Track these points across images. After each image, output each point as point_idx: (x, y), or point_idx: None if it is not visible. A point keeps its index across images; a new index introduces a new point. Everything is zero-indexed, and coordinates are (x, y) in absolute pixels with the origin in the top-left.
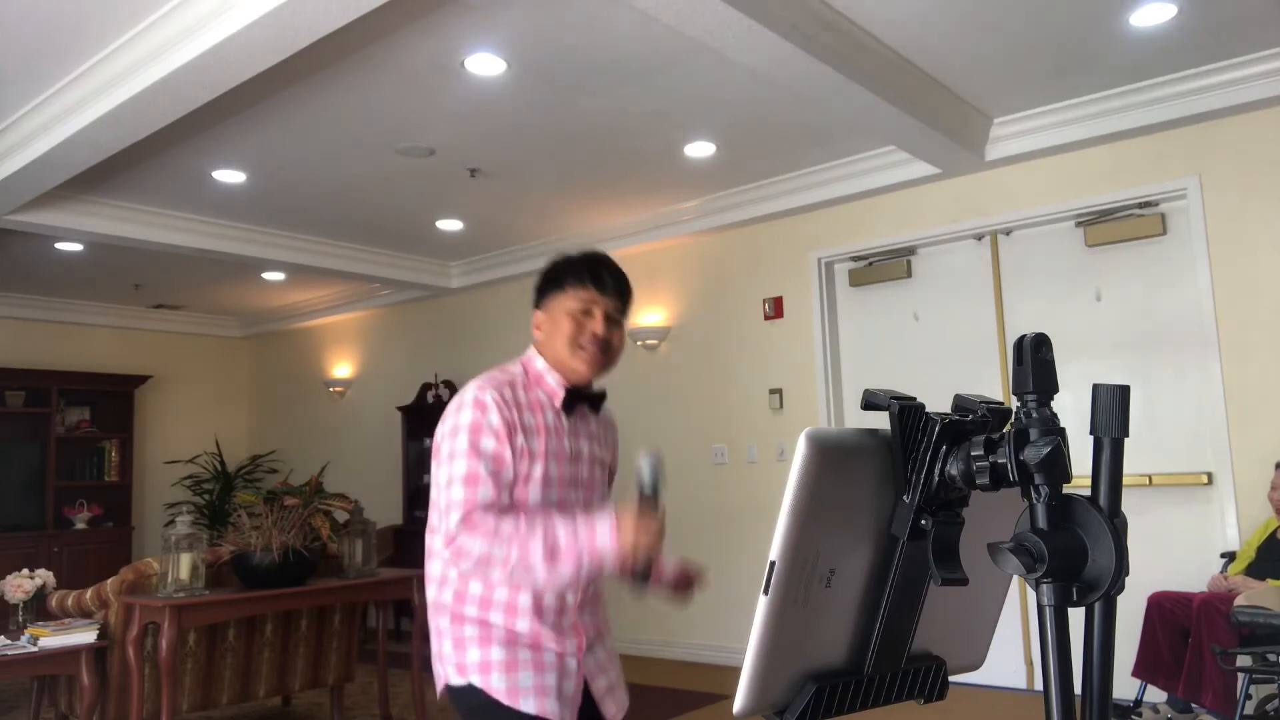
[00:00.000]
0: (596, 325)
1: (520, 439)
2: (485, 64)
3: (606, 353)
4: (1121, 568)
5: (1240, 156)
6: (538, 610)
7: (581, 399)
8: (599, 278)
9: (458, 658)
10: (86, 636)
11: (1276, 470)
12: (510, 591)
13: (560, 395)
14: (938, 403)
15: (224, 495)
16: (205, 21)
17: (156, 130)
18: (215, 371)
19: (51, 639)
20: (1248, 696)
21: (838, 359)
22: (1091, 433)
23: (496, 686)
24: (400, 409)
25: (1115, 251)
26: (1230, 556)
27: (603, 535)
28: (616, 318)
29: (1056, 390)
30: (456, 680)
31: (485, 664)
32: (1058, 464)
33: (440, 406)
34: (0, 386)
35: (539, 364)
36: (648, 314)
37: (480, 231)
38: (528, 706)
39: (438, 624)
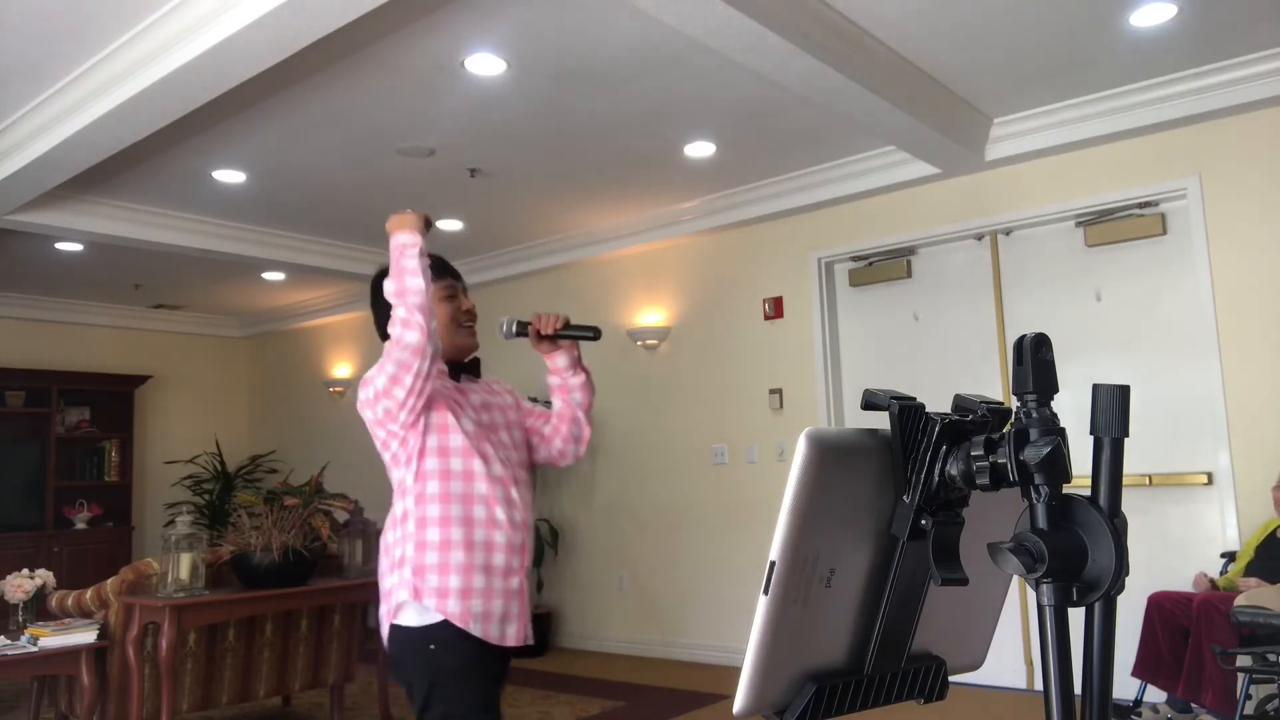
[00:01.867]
0: (467, 303)
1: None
2: (485, 64)
3: (476, 321)
4: (1121, 568)
5: (1240, 156)
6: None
7: (462, 369)
8: (452, 269)
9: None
10: (86, 636)
11: None
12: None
13: (445, 369)
14: (938, 403)
15: (224, 495)
16: (205, 21)
17: (156, 130)
18: (215, 371)
19: (51, 639)
20: (1248, 696)
21: (838, 359)
22: (1091, 433)
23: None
24: None
25: (1115, 251)
26: (1230, 556)
27: (392, 239)
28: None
29: (1056, 390)
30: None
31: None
32: (1058, 464)
33: None
34: (0, 386)
35: None
36: (648, 314)
37: (480, 231)
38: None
39: (448, 559)
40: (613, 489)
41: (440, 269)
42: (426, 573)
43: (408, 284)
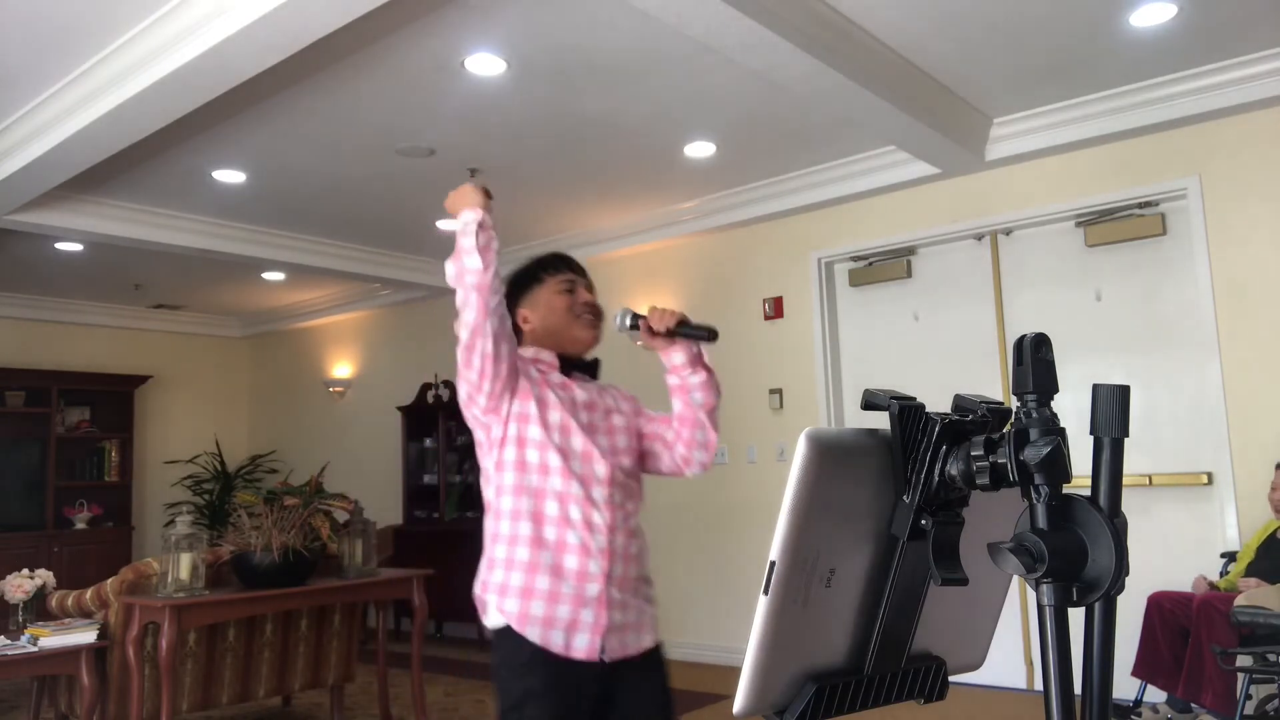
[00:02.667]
0: (586, 295)
1: (523, 381)
2: (485, 64)
3: (599, 316)
4: (1121, 568)
5: (1240, 156)
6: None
7: (574, 366)
8: (571, 263)
9: None
10: (86, 636)
11: (1277, 471)
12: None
13: (556, 363)
14: (938, 403)
15: (224, 495)
16: (205, 21)
17: (156, 130)
18: (215, 371)
19: (51, 639)
20: (1248, 696)
21: (838, 359)
22: (1091, 433)
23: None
24: (400, 409)
25: (1115, 251)
26: (1230, 556)
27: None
28: (594, 291)
29: (1056, 390)
30: None
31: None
32: (1058, 464)
33: (440, 406)
34: (0, 386)
35: (528, 351)
36: None
37: None
38: None
39: (513, 555)
40: None
41: (559, 263)
42: (494, 566)
43: (465, 264)
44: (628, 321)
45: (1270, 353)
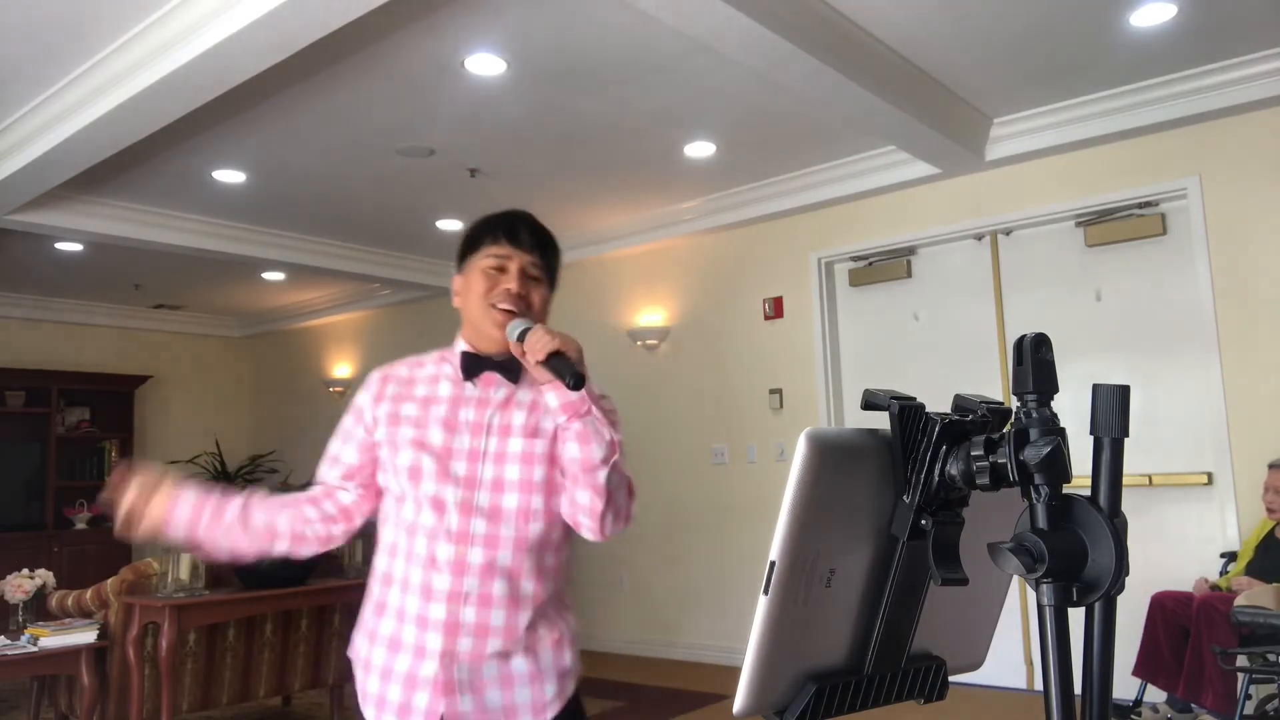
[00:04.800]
0: (510, 282)
1: (400, 410)
2: (485, 64)
3: (520, 310)
4: (1121, 568)
5: (1240, 156)
6: None
7: (490, 366)
8: (514, 232)
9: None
10: (86, 636)
11: (1270, 471)
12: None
13: (458, 362)
14: (938, 403)
15: None
16: (205, 21)
17: (156, 130)
18: (215, 371)
19: (51, 639)
20: (1248, 696)
21: (838, 359)
22: (1091, 433)
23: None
24: None
25: (1115, 251)
26: (1230, 556)
27: None
28: (535, 274)
29: (1056, 390)
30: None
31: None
32: (1058, 464)
33: None
34: (0, 386)
35: (459, 338)
36: (648, 314)
37: None
38: None
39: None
40: None
41: (499, 228)
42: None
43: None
44: (515, 335)
45: (1270, 353)
